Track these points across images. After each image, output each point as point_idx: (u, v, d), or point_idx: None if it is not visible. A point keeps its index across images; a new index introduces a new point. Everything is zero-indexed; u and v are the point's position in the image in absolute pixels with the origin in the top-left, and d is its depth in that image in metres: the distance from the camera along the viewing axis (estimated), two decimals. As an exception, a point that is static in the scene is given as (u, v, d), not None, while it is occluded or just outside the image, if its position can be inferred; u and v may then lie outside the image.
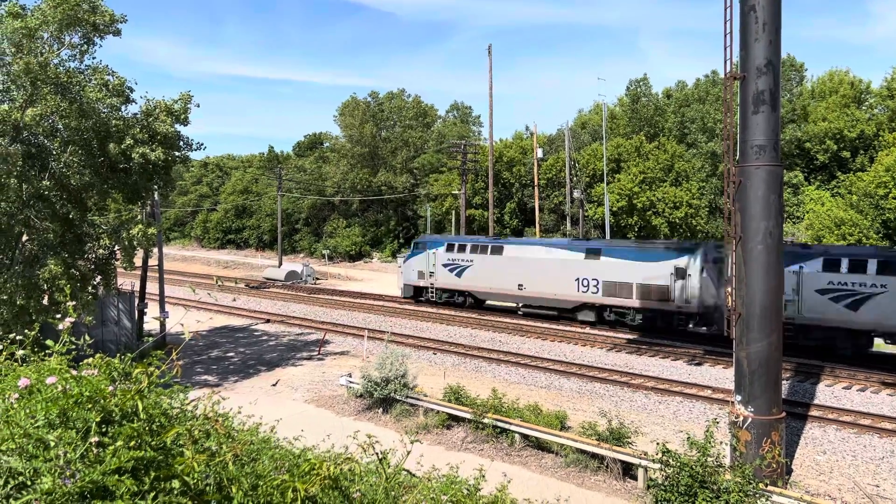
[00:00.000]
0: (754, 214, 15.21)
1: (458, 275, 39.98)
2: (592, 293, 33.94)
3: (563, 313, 35.73)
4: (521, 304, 38.40)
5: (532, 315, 37.34)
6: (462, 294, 40.54)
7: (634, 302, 32.44)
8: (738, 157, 15.74)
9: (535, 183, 57.43)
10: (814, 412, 20.27)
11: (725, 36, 15.92)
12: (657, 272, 31.48)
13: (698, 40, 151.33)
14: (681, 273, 30.70)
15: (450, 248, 40.61)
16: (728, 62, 15.95)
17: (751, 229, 15.25)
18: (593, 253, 34.24)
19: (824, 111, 55.54)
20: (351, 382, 22.99)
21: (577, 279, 34.40)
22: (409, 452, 5.59)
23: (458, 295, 40.72)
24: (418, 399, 20.84)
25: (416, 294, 43.08)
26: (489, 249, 38.67)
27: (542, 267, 35.92)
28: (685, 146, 59.54)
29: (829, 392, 22.71)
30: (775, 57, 15.15)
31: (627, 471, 16.43)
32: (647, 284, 31.77)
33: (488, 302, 41.06)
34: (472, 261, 39.20)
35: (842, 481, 15.91)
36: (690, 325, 31.01)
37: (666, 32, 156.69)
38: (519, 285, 36.94)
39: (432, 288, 41.60)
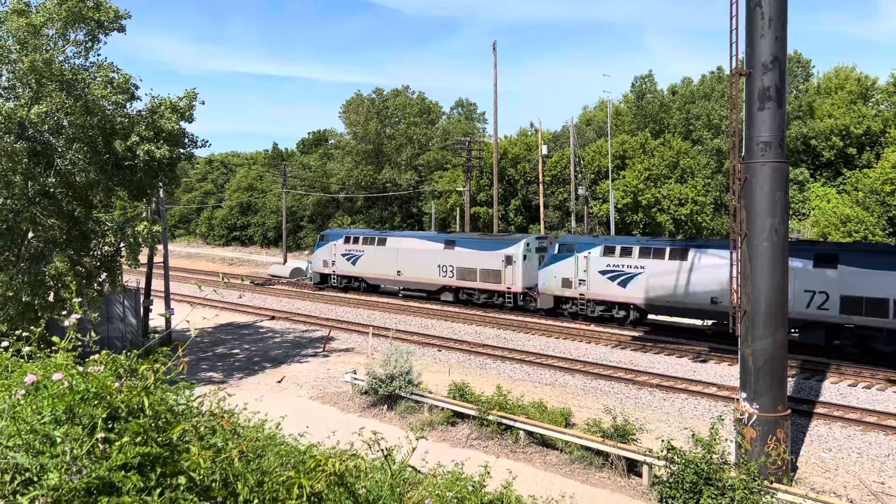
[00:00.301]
0: (760, 211, 15.17)
1: (353, 263, 45.36)
2: (450, 278, 40.20)
3: (431, 294, 41.71)
4: (401, 288, 43.40)
5: (409, 297, 43.15)
6: (357, 280, 45.85)
7: (479, 284, 38.83)
8: (743, 154, 15.70)
9: (540, 180, 57.36)
10: (819, 409, 20.22)
11: (731, 32, 15.87)
12: (493, 260, 38.04)
13: (704, 37, 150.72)
14: (508, 260, 37.32)
15: (347, 240, 45.82)
16: (734, 58, 15.91)
17: (756, 226, 15.21)
18: (450, 244, 40.23)
19: (830, 108, 55.29)
20: (356, 379, 23.02)
21: (439, 266, 40.54)
22: (414, 449, 5.60)
23: (353, 280, 45.96)
24: (423, 396, 20.86)
25: (323, 280, 48.33)
26: (376, 241, 44.15)
27: (413, 256, 41.74)
28: (690, 143, 59.37)
29: (835, 389, 22.65)
30: (781, 53, 15.10)
31: (632, 468, 16.43)
32: (487, 269, 38.37)
33: (382, 288, 45.88)
34: (363, 251, 44.54)
35: (847, 478, 15.88)
36: (519, 303, 37.57)
37: (671, 29, 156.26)
38: (398, 272, 42.73)
39: (334, 275, 47.02)
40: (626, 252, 32.74)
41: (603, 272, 33.34)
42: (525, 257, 37.00)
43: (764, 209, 15.13)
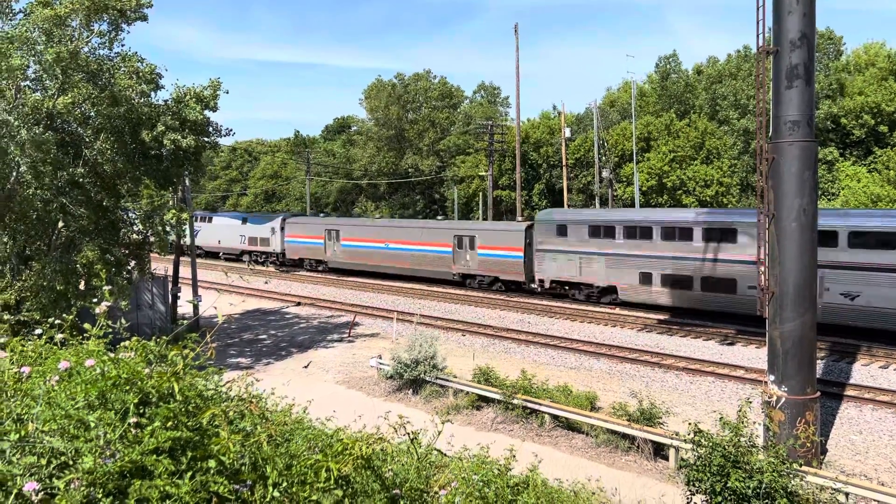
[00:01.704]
0: (788, 192, 14.93)
1: (199, 237, 57.74)
2: (243, 245, 58.92)
3: (236, 257, 60.23)
4: (222, 253, 61.47)
5: (226, 259, 60.98)
6: (198, 248, 56.92)
7: (258, 248, 57.37)
8: (771, 134, 15.44)
9: (564, 163, 56.92)
10: (850, 392, 19.96)
11: (758, 9, 15.56)
12: (263, 231, 56.79)
13: (729, 14, 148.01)
14: (273, 231, 55.32)
15: (201, 219, 61.95)
16: (761, 36, 15.60)
17: (784, 207, 14.98)
18: (243, 220, 59.83)
19: (861, 85, 54.04)
20: (381, 364, 23.18)
21: (240, 235, 59.03)
22: (440, 432, 5.63)
23: (198, 248, 56.85)
24: (448, 380, 20.95)
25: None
26: (208, 219, 62.87)
27: (225, 230, 60.84)
28: (716, 123, 58.46)
29: (866, 371, 22.34)
30: (810, 29, 14.78)
31: (659, 451, 16.39)
32: (255, 237, 57.49)
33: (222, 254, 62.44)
34: (202, 227, 60.10)
35: (878, 461, 15.69)
36: (282, 260, 55.07)
37: (695, 7, 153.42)
38: (218, 241, 61.27)
39: (199, 248, 58.49)
40: (202, 219, 62.82)
41: (199, 230, 58.36)
42: (283, 229, 54.45)
43: (792, 189, 14.89)
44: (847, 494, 13.08)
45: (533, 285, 37.79)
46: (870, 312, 25.43)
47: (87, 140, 23.10)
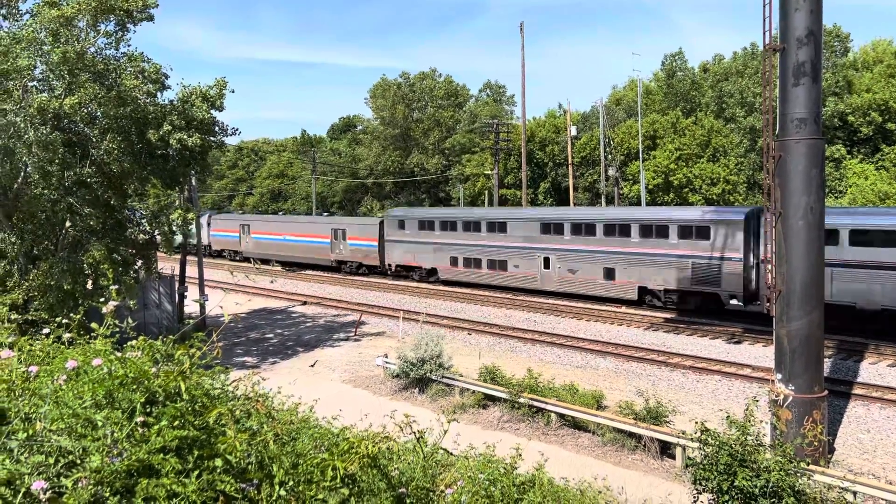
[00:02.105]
0: (794, 189, 14.87)
1: None
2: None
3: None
4: None
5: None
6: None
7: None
8: (777, 131, 15.38)
9: (570, 161, 56.84)
10: (857, 390, 19.88)
11: (764, 6, 15.50)
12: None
13: (735, 12, 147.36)
14: (201, 226, 49.67)
15: None
16: (767, 33, 15.54)
17: (791, 205, 14.92)
18: None
19: (868, 82, 53.77)
20: (387, 363, 23.20)
21: None
22: (446, 431, 5.63)
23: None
24: (454, 379, 20.95)
25: None
26: None
27: None
28: (723, 121, 58.28)
29: (874, 370, 22.24)
30: (816, 26, 14.71)
31: (665, 450, 16.36)
32: None
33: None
34: None
35: (886, 460, 15.63)
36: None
37: (701, 4, 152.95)
38: None
39: None
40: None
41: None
42: (209, 225, 60.61)
43: (799, 187, 14.83)
44: (855, 493, 13.03)
45: (386, 268, 46.66)
46: None
47: (94, 140, 23.18)
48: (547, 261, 36.50)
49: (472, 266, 40.47)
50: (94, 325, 3.75)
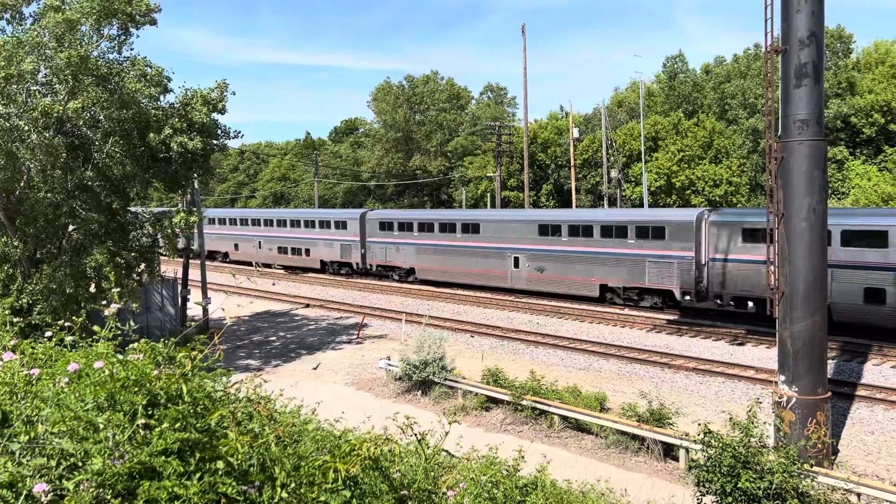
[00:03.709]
0: (797, 191, 14.86)
1: None
2: None
3: None
4: None
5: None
6: None
7: None
8: (780, 133, 15.37)
9: (572, 163, 56.83)
10: (861, 392, 19.83)
11: (766, 8, 15.50)
12: None
13: (738, 13, 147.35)
14: None
15: None
16: (769, 35, 15.54)
17: (794, 206, 14.91)
18: None
19: (871, 83, 53.71)
20: (390, 365, 23.19)
21: None
22: (447, 433, 5.63)
23: None
24: (457, 381, 20.94)
25: None
26: None
27: None
28: (725, 123, 58.25)
29: (877, 371, 22.19)
30: (818, 28, 14.71)
31: (669, 452, 16.33)
32: None
33: None
34: None
35: (891, 461, 15.58)
36: None
37: (703, 6, 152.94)
38: None
39: None
40: None
41: None
42: None
43: (802, 189, 14.82)
44: (859, 495, 13.00)
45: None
46: None
47: (97, 143, 23.23)
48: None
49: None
50: (95, 327, 3.75)
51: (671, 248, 31.57)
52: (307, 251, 52.61)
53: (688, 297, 31.21)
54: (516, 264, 38.32)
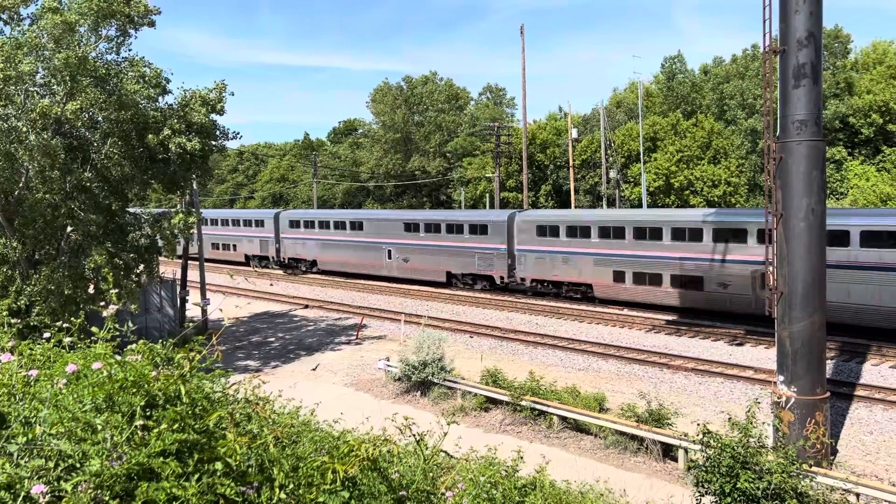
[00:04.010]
0: (796, 191, 14.87)
1: None
2: None
3: None
4: None
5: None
6: None
7: None
8: (778, 133, 15.38)
9: (570, 164, 56.84)
10: (860, 392, 19.85)
11: (764, 8, 15.52)
12: None
13: (736, 13, 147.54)
14: None
15: None
16: (767, 35, 15.56)
17: (792, 207, 14.92)
18: None
19: (869, 84, 53.74)
20: (389, 366, 23.19)
21: None
22: (446, 434, 5.63)
23: None
24: (456, 382, 20.94)
25: None
26: None
27: None
28: (724, 123, 58.26)
29: (876, 371, 22.21)
30: (816, 28, 14.73)
31: (668, 452, 16.34)
32: None
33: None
34: None
35: (889, 461, 15.59)
36: None
37: (702, 6, 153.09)
38: None
39: None
40: None
41: None
42: None
43: (800, 189, 14.84)
44: (858, 495, 13.00)
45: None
46: None
47: (95, 144, 23.21)
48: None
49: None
50: (94, 328, 3.75)
51: (493, 242, 39.14)
52: (234, 247, 59.19)
53: (504, 281, 38.80)
54: (389, 256, 45.36)
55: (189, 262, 34.96)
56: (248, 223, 57.70)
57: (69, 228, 23.31)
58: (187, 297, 32.94)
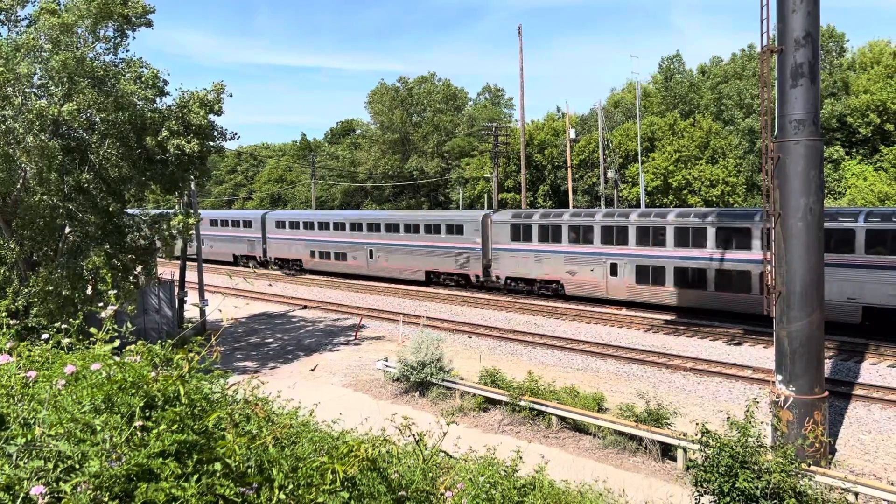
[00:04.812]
0: (794, 191, 14.89)
1: None
2: None
3: None
4: None
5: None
6: None
7: None
8: (776, 133, 15.40)
9: (568, 164, 56.85)
10: (858, 391, 19.87)
11: (762, 8, 15.54)
12: None
13: (733, 14, 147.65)
14: None
15: None
16: (765, 35, 15.58)
17: (790, 206, 14.94)
18: None
19: (866, 83, 53.81)
20: (387, 367, 23.18)
21: None
22: (445, 434, 5.63)
23: None
24: (454, 382, 20.94)
25: None
26: None
27: None
28: (721, 123, 58.29)
29: (874, 370, 22.24)
30: (814, 28, 14.74)
31: (666, 452, 16.35)
32: None
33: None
34: None
35: (888, 461, 15.61)
36: None
37: (700, 6, 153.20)
38: None
39: None
40: None
41: None
42: None
43: (798, 188, 14.85)
44: (857, 494, 13.02)
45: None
46: None
47: (93, 146, 23.18)
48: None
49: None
50: (93, 330, 3.74)
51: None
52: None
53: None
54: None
55: (187, 262, 34.94)
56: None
57: (67, 230, 23.27)
58: (186, 298, 32.91)
